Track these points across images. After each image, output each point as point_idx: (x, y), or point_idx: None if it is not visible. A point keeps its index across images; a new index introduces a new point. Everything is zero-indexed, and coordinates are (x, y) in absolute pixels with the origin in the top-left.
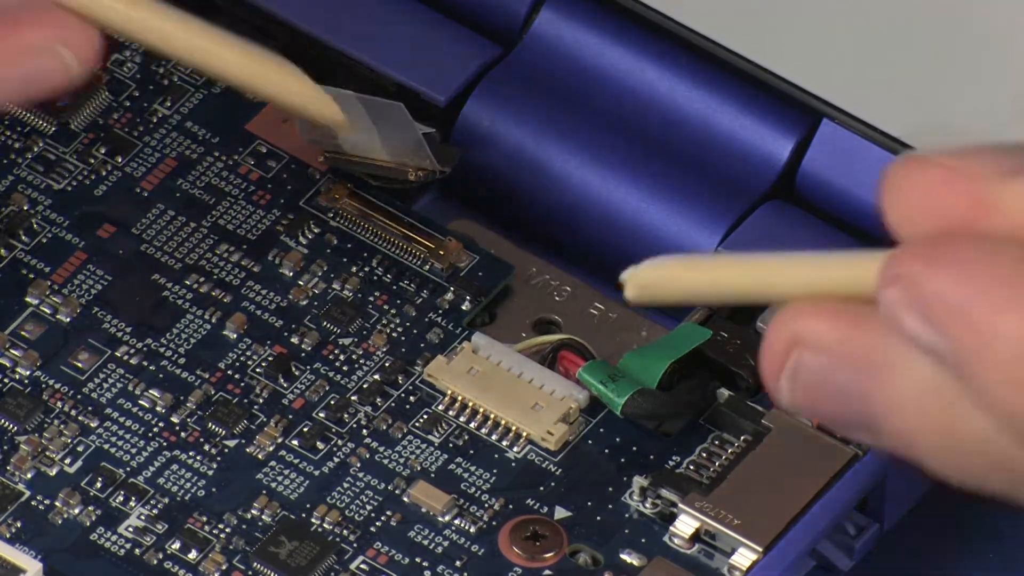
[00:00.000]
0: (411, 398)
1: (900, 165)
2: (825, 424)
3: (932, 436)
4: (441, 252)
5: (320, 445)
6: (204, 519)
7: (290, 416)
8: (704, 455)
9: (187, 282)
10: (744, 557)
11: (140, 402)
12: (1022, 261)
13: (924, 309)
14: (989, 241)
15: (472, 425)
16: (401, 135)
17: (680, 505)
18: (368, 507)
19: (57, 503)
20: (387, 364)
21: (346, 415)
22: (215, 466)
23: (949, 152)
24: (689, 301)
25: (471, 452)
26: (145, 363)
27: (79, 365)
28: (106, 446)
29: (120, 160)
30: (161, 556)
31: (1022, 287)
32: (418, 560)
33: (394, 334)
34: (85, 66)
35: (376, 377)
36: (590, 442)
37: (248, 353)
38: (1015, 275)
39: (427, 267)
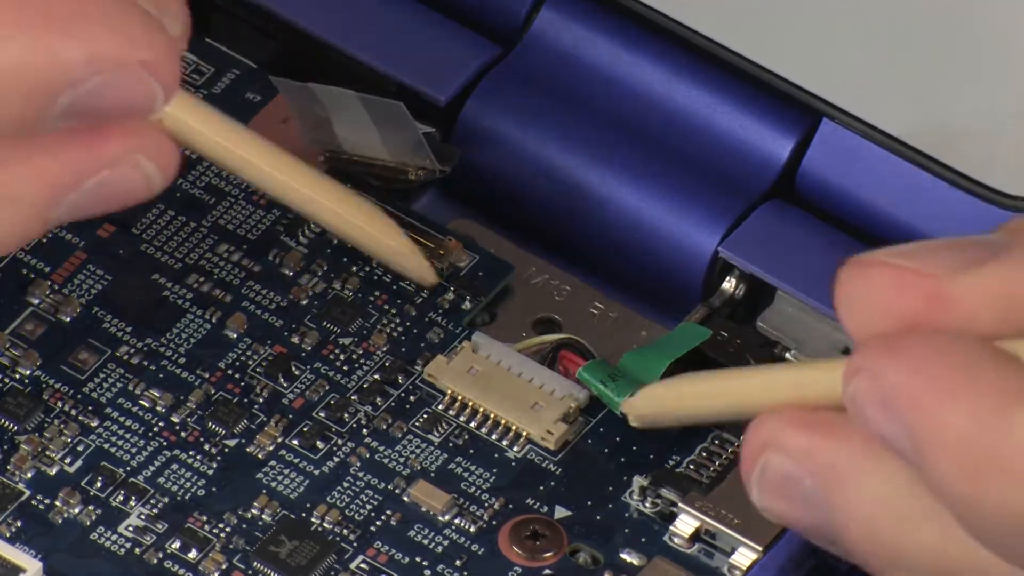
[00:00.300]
0: (411, 398)
1: (851, 268)
2: (794, 531)
3: (882, 552)
4: (441, 252)
5: (320, 445)
6: (204, 519)
7: (290, 416)
8: (704, 455)
9: (187, 282)
10: (744, 557)
11: (140, 402)
12: (974, 354)
13: (883, 399)
14: (944, 335)
15: (472, 425)
16: (401, 135)
17: (680, 504)
18: (368, 507)
19: (57, 503)
20: (387, 364)
21: (346, 415)
22: (215, 466)
23: (899, 250)
24: (688, 422)
25: (471, 452)
26: (145, 363)
27: (79, 365)
28: (106, 446)
29: None
30: (161, 556)
31: (972, 379)
32: (418, 560)
33: (394, 334)
34: (166, 178)
35: (376, 377)
36: (590, 442)
37: (248, 353)
38: (967, 367)
39: None
